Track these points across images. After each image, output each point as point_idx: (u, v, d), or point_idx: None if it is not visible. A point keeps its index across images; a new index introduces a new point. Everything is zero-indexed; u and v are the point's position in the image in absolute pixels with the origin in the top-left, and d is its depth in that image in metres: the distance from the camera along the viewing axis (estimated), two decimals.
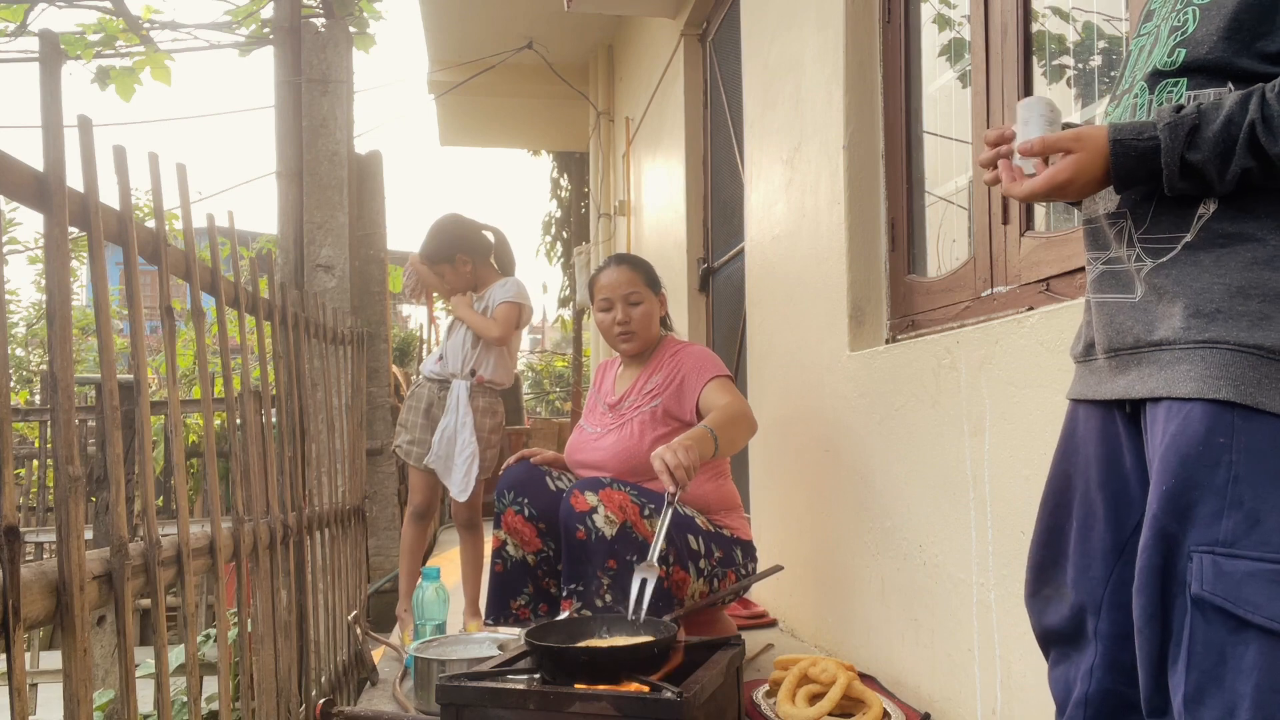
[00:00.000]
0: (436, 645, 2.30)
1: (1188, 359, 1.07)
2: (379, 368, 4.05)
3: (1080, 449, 1.25)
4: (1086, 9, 1.93)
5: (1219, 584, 1.03)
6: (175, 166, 1.65)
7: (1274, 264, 1.04)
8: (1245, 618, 1.01)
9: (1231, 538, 1.02)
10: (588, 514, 2.29)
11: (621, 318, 2.62)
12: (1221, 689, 1.03)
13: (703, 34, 4.55)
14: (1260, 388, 1.02)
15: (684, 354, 2.62)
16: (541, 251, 9.65)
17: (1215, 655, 1.04)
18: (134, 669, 1.33)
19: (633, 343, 2.64)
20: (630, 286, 2.62)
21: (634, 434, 2.54)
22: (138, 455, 2.03)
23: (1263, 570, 1.01)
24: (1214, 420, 1.04)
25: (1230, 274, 1.06)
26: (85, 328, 11.70)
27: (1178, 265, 1.10)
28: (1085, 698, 1.23)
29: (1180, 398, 1.07)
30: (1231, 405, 1.03)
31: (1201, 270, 1.08)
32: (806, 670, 2.07)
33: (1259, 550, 1.01)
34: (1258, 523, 1.01)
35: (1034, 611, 1.32)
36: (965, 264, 2.18)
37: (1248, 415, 1.02)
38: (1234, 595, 1.02)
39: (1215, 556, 1.03)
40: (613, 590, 2.28)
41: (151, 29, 5.30)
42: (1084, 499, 1.24)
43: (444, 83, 6.59)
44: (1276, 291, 1.03)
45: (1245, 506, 1.02)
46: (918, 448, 2.17)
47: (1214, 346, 1.05)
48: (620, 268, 2.66)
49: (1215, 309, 1.06)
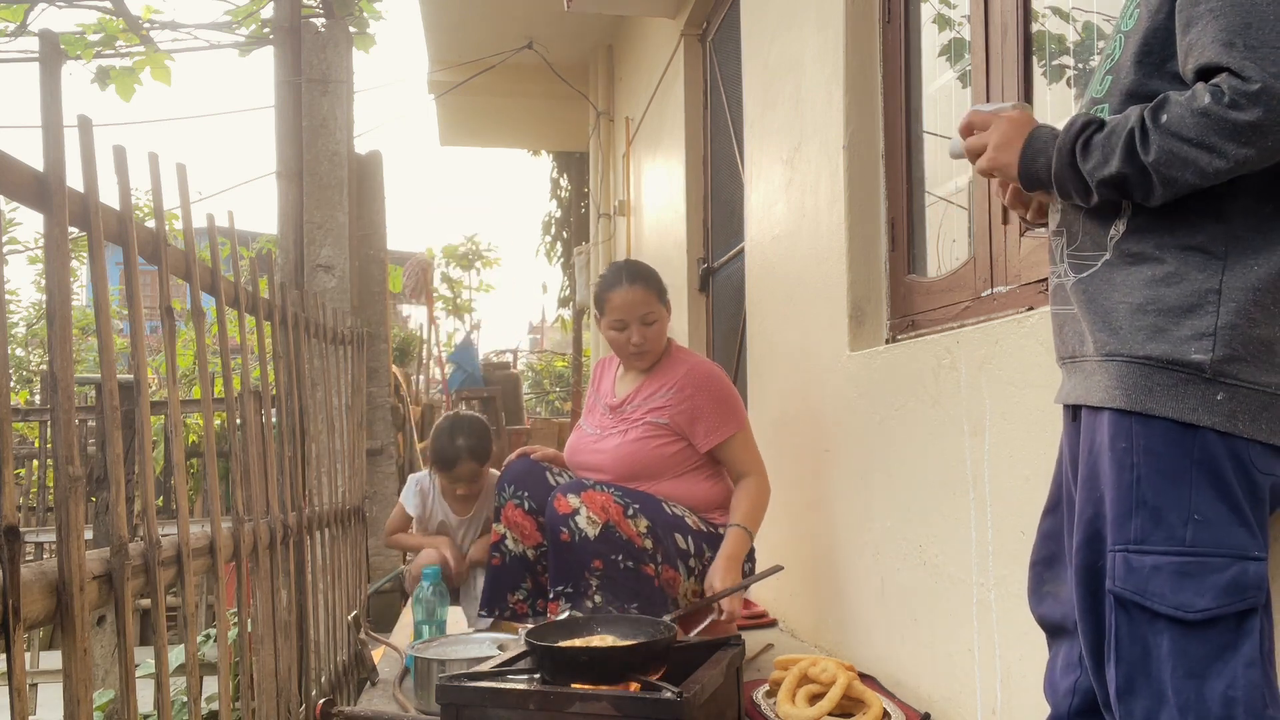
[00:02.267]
0: (436, 645, 2.30)
1: (1099, 370, 1.16)
2: (379, 368, 4.05)
3: (1063, 449, 1.32)
4: (1086, 9, 1.93)
5: (1130, 579, 1.11)
6: (175, 166, 1.65)
7: (1169, 281, 1.11)
8: (1155, 609, 1.08)
9: (1140, 535, 1.10)
10: (570, 516, 2.31)
11: (638, 339, 2.55)
12: (1149, 680, 1.10)
13: (703, 34, 4.55)
14: (1151, 395, 1.10)
15: (698, 376, 2.55)
16: (541, 251, 9.66)
17: (1139, 648, 1.11)
18: (134, 669, 1.33)
19: (645, 360, 2.61)
20: (646, 307, 2.55)
21: (636, 440, 2.53)
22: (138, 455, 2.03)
23: (1166, 563, 1.09)
24: (1116, 427, 1.13)
25: (1133, 291, 1.14)
26: (85, 328, 11.69)
27: (1095, 282, 1.19)
28: (1074, 686, 1.30)
29: (1093, 406, 1.17)
30: (1129, 413, 1.11)
31: (1113, 288, 1.16)
32: (806, 670, 2.07)
33: (1163, 545, 1.09)
34: (1161, 519, 1.09)
35: (1035, 607, 1.38)
36: (965, 264, 2.18)
37: (1144, 421, 1.10)
38: (1143, 589, 1.10)
39: (1127, 554, 1.11)
40: (601, 591, 2.29)
41: (151, 29, 5.30)
42: (1068, 497, 1.30)
43: (444, 83, 6.59)
44: (1170, 306, 1.11)
45: (1149, 505, 1.10)
46: (918, 448, 2.17)
47: (1114, 359, 1.14)
48: (634, 287, 2.55)
49: (1119, 324, 1.14)
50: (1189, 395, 1.08)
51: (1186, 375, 1.08)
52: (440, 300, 12.87)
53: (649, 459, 2.50)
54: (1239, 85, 1.00)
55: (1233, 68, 1.01)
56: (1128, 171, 1.09)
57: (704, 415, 2.50)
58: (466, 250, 13.73)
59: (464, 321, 13.65)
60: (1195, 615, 1.06)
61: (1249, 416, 1.07)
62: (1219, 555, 1.07)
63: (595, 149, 6.84)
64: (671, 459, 2.52)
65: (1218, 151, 1.03)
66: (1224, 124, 1.01)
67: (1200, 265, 1.10)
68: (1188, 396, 1.08)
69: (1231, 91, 1.01)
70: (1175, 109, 1.05)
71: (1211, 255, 1.10)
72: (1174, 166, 1.05)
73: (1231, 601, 1.06)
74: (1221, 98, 1.02)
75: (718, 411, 2.51)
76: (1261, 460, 1.08)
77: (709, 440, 2.51)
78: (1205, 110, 1.02)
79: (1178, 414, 1.08)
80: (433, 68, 6.63)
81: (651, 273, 2.65)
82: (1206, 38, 1.04)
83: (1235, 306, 1.08)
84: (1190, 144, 1.04)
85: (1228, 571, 1.06)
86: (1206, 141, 1.03)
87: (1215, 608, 1.06)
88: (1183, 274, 1.10)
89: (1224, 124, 1.01)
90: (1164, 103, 1.07)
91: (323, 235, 3.85)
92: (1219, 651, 1.06)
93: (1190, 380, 1.08)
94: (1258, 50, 1.00)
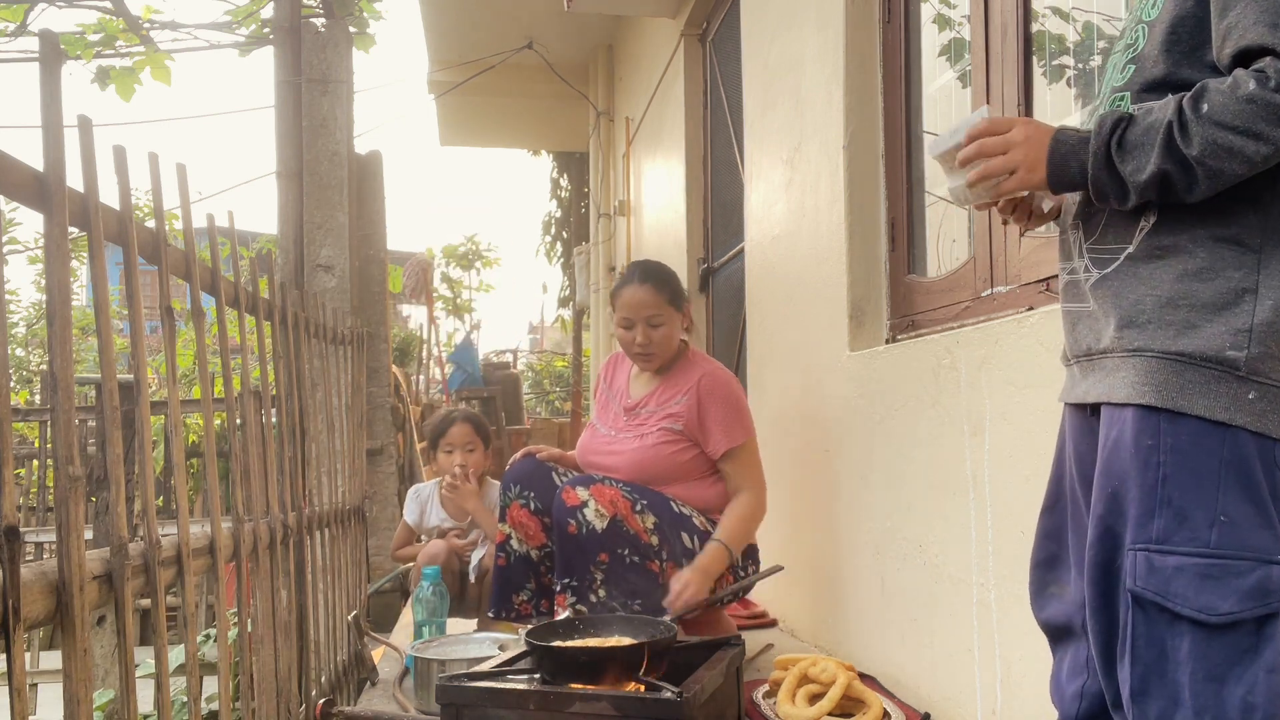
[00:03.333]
0: (436, 645, 2.30)
1: (1123, 367, 1.13)
2: (379, 368, 4.04)
3: (1067, 448, 1.31)
4: (1086, 9, 1.93)
5: (1151, 579, 1.08)
6: (175, 166, 1.65)
7: (1201, 275, 1.08)
8: (1176, 610, 1.06)
9: (1163, 535, 1.08)
10: (578, 508, 2.30)
11: (642, 340, 2.54)
12: (1164, 681, 1.08)
13: (703, 34, 4.55)
14: (1182, 392, 1.07)
15: (712, 384, 2.53)
16: (541, 251, 9.66)
17: (1156, 649, 1.09)
18: (134, 669, 1.33)
19: (652, 362, 2.60)
20: (653, 309, 2.52)
21: (653, 446, 2.53)
22: (138, 455, 2.03)
23: (1190, 564, 1.06)
24: (1142, 424, 1.09)
25: (1162, 285, 1.11)
26: (85, 328, 11.69)
27: (1119, 277, 1.15)
28: (1082, 690, 1.28)
29: (1116, 403, 1.13)
30: (1157, 410, 1.08)
31: (1139, 282, 1.13)
32: (806, 670, 2.07)
33: (1187, 546, 1.06)
34: (1185, 519, 1.07)
35: (1038, 608, 1.37)
36: (965, 264, 2.18)
37: (1172, 418, 1.08)
38: (1164, 590, 1.07)
39: (1149, 553, 1.09)
40: (606, 585, 2.29)
41: (151, 29, 5.30)
42: (1072, 496, 1.29)
43: (444, 83, 6.59)
44: (1202, 301, 1.08)
45: (1174, 505, 1.07)
46: (918, 448, 2.17)
47: (1141, 354, 1.11)
48: (644, 286, 2.53)
49: (1146, 319, 1.11)
50: (1221, 393, 1.05)
51: (1220, 373, 1.06)
52: (440, 300, 12.87)
53: (665, 465, 2.50)
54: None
55: (1279, 49, 0.98)
56: (1169, 167, 1.05)
57: (716, 423, 2.50)
58: (466, 250, 13.73)
59: (464, 321, 13.65)
60: (1218, 619, 1.04)
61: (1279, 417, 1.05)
62: (1243, 558, 1.05)
63: (595, 149, 6.84)
64: (686, 465, 2.52)
65: (1266, 139, 0.99)
66: (1272, 109, 0.98)
67: (1235, 261, 1.07)
68: (1220, 395, 1.05)
69: (1277, 75, 0.98)
70: (1217, 97, 1.01)
71: (1246, 249, 1.07)
72: (1220, 157, 1.02)
73: (1254, 606, 1.04)
74: (1267, 82, 0.98)
75: (727, 420, 2.50)
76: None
77: (718, 448, 2.51)
78: (1251, 96, 0.99)
79: (1209, 412, 1.05)
80: (433, 68, 6.63)
81: (667, 275, 2.61)
82: (1248, 19, 1.01)
83: (1272, 304, 1.05)
84: (1236, 132, 1.00)
85: (1252, 575, 1.04)
86: (1254, 129, 0.99)
87: (1238, 611, 1.04)
88: (1216, 269, 1.07)
89: (1272, 109, 0.98)
90: (1203, 92, 1.03)
91: (323, 235, 3.85)
92: (1240, 656, 1.05)
93: (1223, 378, 1.06)
94: None
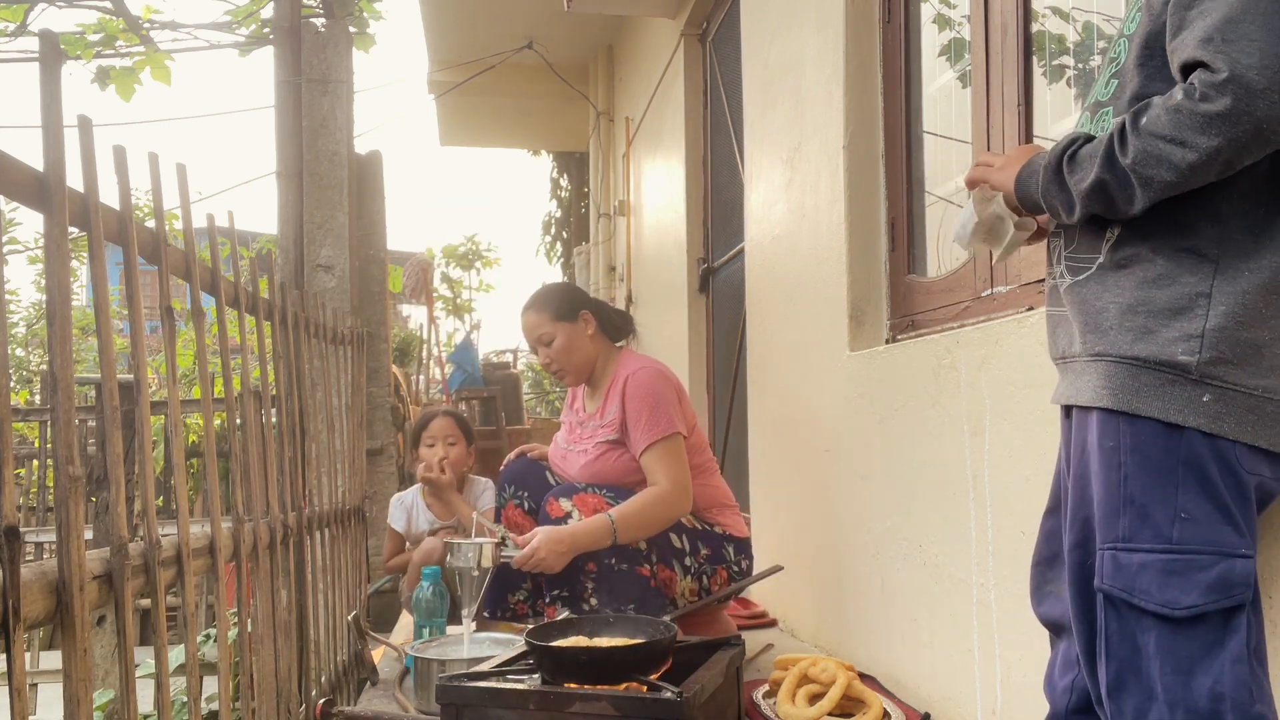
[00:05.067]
0: (436, 645, 2.30)
1: (1088, 370, 1.17)
2: (379, 368, 4.04)
3: (1060, 448, 1.33)
4: (1086, 9, 1.93)
5: (1117, 577, 1.12)
6: (175, 166, 1.65)
7: (1159, 283, 1.12)
8: (1143, 606, 1.10)
9: (1128, 534, 1.12)
10: (563, 520, 2.32)
11: (544, 360, 2.62)
12: (1138, 676, 1.11)
13: (703, 34, 4.55)
14: (1138, 395, 1.11)
15: (634, 385, 2.52)
16: (541, 251, 9.65)
17: (1129, 645, 1.12)
18: (134, 669, 1.33)
19: (568, 377, 2.65)
20: (537, 329, 2.59)
21: (596, 460, 2.55)
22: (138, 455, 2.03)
23: (1153, 561, 1.10)
24: (1105, 426, 1.14)
25: (1124, 293, 1.15)
26: (85, 328, 11.69)
27: (1089, 284, 1.20)
28: (1072, 684, 1.31)
29: (1083, 406, 1.18)
30: (1117, 412, 1.12)
31: (1104, 289, 1.17)
32: (806, 670, 2.07)
33: (1150, 543, 1.10)
34: (1148, 517, 1.10)
35: (1036, 603, 1.39)
36: (965, 264, 2.18)
37: (1131, 420, 1.11)
38: (1130, 586, 1.11)
39: (1115, 551, 1.12)
40: (597, 594, 2.30)
41: (151, 29, 5.30)
42: (1066, 495, 1.30)
43: (444, 83, 6.59)
44: (1159, 307, 1.11)
45: (1136, 503, 1.11)
46: (918, 448, 2.17)
47: (1103, 359, 1.15)
48: (528, 313, 2.63)
49: (1109, 325, 1.15)
50: (1175, 396, 1.09)
51: (1172, 376, 1.09)
52: (440, 300, 12.87)
53: (613, 474, 2.53)
54: (1209, 77, 1.01)
55: (1205, 61, 1.01)
56: (1106, 177, 1.10)
57: (634, 422, 2.49)
58: (466, 250, 13.72)
59: (464, 321, 13.65)
60: (1181, 612, 1.07)
61: (1235, 419, 1.08)
62: (1205, 553, 1.08)
63: (595, 149, 6.84)
64: (637, 469, 2.50)
65: (1191, 146, 1.03)
66: (1194, 116, 1.02)
67: (1192, 268, 1.10)
68: (1173, 397, 1.09)
69: (1202, 85, 1.01)
70: (1154, 110, 1.06)
71: (1204, 258, 1.10)
72: (1149, 165, 1.06)
73: (1218, 598, 1.07)
74: (1194, 92, 1.02)
75: (644, 417, 2.47)
76: (1248, 460, 1.09)
77: (637, 446, 2.47)
78: (1178, 106, 1.03)
79: (1163, 414, 1.09)
80: (433, 68, 6.63)
81: (548, 294, 2.66)
82: (1191, 37, 1.05)
83: (1225, 310, 1.08)
84: (1164, 140, 1.04)
85: (1214, 569, 1.07)
86: (1179, 137, 1.03)
87: (1201, 604, 1.07)
88: (1174, 276, 1.11)
89: (1194, 116, 1.02)
90: (1145, 106, 1.08)
91: (323, 235, 3.85)
92: (1206, 648, 1.07)
93: (1176, 381, 1.09)
94: (1233, 43, 1.00)
